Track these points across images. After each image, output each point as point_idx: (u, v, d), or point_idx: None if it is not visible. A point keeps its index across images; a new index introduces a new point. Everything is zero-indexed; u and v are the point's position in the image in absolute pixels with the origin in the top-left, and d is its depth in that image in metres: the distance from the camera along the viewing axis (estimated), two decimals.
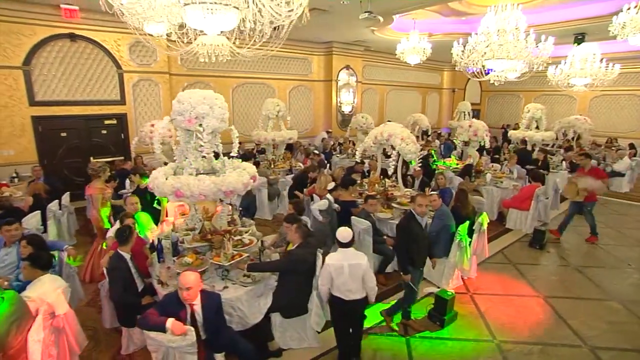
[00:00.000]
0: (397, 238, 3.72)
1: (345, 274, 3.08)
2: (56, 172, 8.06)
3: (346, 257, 3.13)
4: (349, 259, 3.12)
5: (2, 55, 7.48)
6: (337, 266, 3.09)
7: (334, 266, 3.09)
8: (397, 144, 5.57)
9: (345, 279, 3.08)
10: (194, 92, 3.80)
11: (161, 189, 3.56)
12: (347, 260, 3.11)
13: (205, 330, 2.73)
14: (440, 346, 3.63)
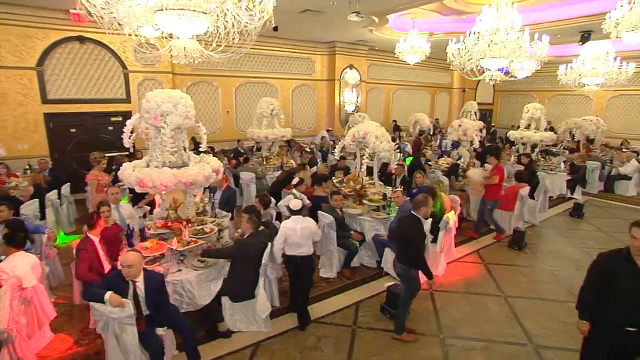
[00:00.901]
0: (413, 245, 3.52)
1: (298, 235, 3.86)
2: (66, 166, 8.68)
3: (297, 222, 3.93)
4: (300, 223, 3.92)
5: (18, 57, 8.14)
6: (291, 229, 3.87)
7: (289, 229, 3.88)
8: (372, 142, 5.71)
9: (298, 239, 3.86)
10: (161, 92, 4.11)
11: (127, 180, 3.89)
12: (299, 225, 3.91)
13: (148, 306, 3.02)
14: (383, 338, 3.77)
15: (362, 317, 4.11)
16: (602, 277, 2.66)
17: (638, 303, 2.51)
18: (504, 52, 7.15)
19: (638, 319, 2.53)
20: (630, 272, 2.52)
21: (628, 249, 2.56)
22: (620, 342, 2.63)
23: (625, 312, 2.55)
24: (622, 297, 2.56)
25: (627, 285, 2.53)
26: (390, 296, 4.12)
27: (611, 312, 2.62)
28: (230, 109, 12.13)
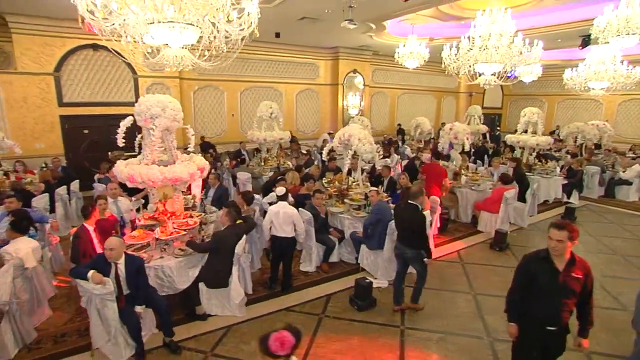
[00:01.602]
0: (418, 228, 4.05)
1: (280, 217, 4.56)
2: (78, 164, 9.31)
3: (280, 207, 4.64)
4: (283, 207, 4.63)
5: (38, 63, 8.83)
6: (275, 212, 4.62)
7: (273, 211, 4.63)
8: (355, 144, 6.00)
9: (280, 221, 4.55)
10: (151, 96, 4.53)
11: (119, 175, 4.32)
12: (282, 209, 4.62)
13: (128, 286, 3.40)
14: (346, 325, 4.04)
15: (331, 307, 4.39)
16: (525, 278, 2.73)
17: (555, 302, 2.60)
18: (495, 57, 7.33)
19: (556, 318, 2.62)
20: (548, 271, 2.60)
21: (547, 249, 2.63)
22: (543, 341, 2.71)
23: (545, 311, 2.63)
24: (541, 297, 2.64)
25: (545, 284, 2.62)
26: (358, 289, 4.39)
27: (533, 312, 2.70)
28: (235, 112, 12.62)
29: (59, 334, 3.78)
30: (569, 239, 2.52)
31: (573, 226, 2.60)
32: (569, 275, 2.56)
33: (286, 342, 1.93)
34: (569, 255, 2.57)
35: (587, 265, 2.63)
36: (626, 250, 6.37)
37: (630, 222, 7.87)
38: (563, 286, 2.57)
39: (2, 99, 8.69)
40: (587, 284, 2.62)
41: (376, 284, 4.85)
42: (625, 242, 6.80)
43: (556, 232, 2.54)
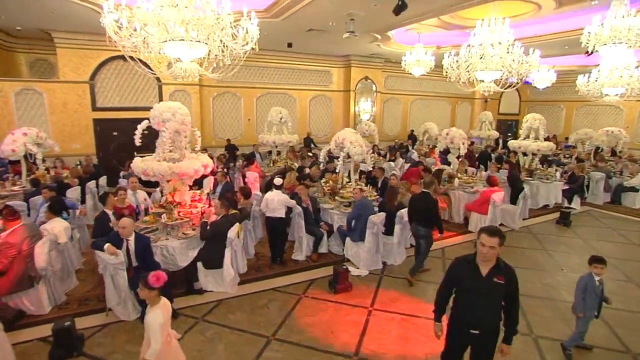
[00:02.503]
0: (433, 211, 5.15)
1: (275, 202, 5.50)
2: (108, 163, 10.38)
3: (275, 194, 5.58)
4: (277, 195, 5.57)
5: (77, 73, 10.00)
6: (271, 198, 5.52)
7: (269, 198, 5.54)
8: (347, 146, 6.55)
9: (275, 205, 5.49)
10: (164, 103, 5.32)
11: (136, 170, 5.11)
12: (276, 196, 5.55)
13: (136, 259, 4.13)
14: (322, 304, 4.59)
15: (311, 289, 4.96)
16: (451, 280, 2.77)
17: (478, 306, 2.60)
18: (492, 65, 7.69)
19: (479, 322, 2.63)
20: (473, 275, 2.60)
21: (475, 253, 2.63)
22: (469, 345, 2.75)
23: (469, 314, 2.65)
24: (466, 300, 2.66)
25: (469, 288, 2.63)
26: (336, 274, 4.92)
27: (459, 314, 2.72)
28: (251, 117, 13.46)
29: (83, 299, 4.56)
30: (500, 245, 2.51)
31: (502, 232, 2.60)
32: (491, 281, 2.55)
33: (161, 278, 2.69)
34: (494, 261, 2.57)
35: (511, 271, 2.62)
36: (613, 253, 6.51)
37: (627, 228, 7.92)
38: (485, 291, 2.56)
39: (46, 104, 9.90)
40: (511, 290, 2.59)
41: (356, 272, 5.38)
42: (616, 245, 6.93)
43: (488, 238, 2.50)
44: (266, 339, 3.88)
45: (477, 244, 2.57)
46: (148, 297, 2.71)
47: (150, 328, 2.61)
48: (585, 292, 3.54)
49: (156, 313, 2.64)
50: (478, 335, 2.64)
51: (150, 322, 2.62)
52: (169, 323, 2.80)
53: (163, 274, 2.73)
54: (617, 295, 4.94)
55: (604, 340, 3.98)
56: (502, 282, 2.54)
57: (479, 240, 2.55)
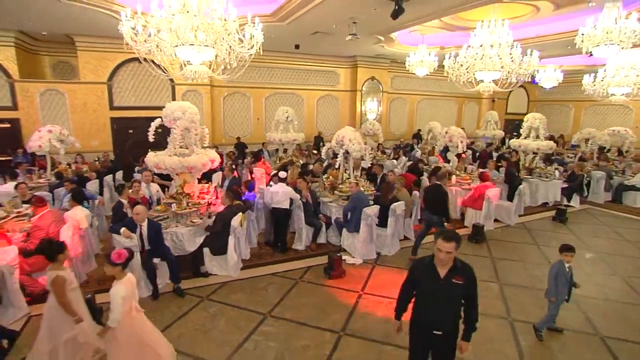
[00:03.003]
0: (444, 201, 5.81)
1: (280, 194, 5.98)
2: (124, 159, 10.98)
3: (280, 187, 6.05)
4: (282, 187, 6.04)
5: (96, 74, 10.63)
6: (275, 191, 6.02)
7: (274, 190, 6.04)
8: (346, 144, 6.92)
9: (279, 197, 5.97)
10: (176, 103, 5.79)
11: (149, 163, 5.59)
12: (281, 189, 6.03)
13: (149, 242, 4.59)
14: (316, 288, 4.99)
15: (307, 275, 5.36)
16: (410, 282, 2.79)
17: (438, 307, 2.62)
18: (491, 66, 7.95)
19: (440, 323, 2.65)
20: (431, 277, 2.60)
21: (433, 256, 2.63)
22: (432, 346, 2.76)
23: (430, 315, 2.66)
24: (426, 302, 2.67)
25: (428, 289, 2.65)
26: (330, 261, 5.30)
27: (420, 316, 2.73)
28: (260, 116, 13.93)
29: (101, 279, 5.05)
30: (456, 249, 2.52)
31: (459, 236, 2.60)
32: (450, 282, 2.56)
33: (122, 255, 3.03)
34: (452, 263, 2.58)
35: (469, 271, 2.63)
36: (604, 248, 6.71)
37: (623, 225, 8.05)
38: (444, 292, 2.58)
39: (68, 103, 10.56)
40: (469, 289, 2.61)
41: (351, 261, 5.75)
42: (608, 241, 7.11)
43: (444, 243, 2.50)
44: (263, 315, 4.30)
45: (435, 249, 2.56)
46: (113, 272, 3.03)
47: (113, 299, 2.91)
48: (556, 278, 3.83)
49: (119, 286, 2.95)
50: (440, 336, 2.65)
51: (113, 294, 2.92)
52: (132, 296, 3.09)
53: (124, 251, 3.06)
54: (599, 286, 5.22)
55: (577, 324, 4.26)
56: (461, 282, 2.55)
57: (436, 245, 2.54)
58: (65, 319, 3.21)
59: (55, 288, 3.17)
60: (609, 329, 4.17)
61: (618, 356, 3.71)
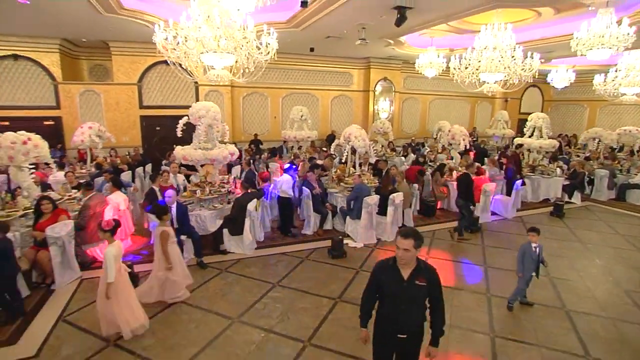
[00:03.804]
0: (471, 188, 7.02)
1: (285, 184, 6.78)
2: (151, 153, 12.00)
3: (285, 178, 6.89)
4: (287, 178, 6.84)
5: (127, 76, 11.69)
6: (283, 181, 6.81)
7: (282, 180, 6.84)
8: (352, 140, 7.59)
9: (287, 186, 6.73)
10: (200, 103, 6.62)
11: (177, 156, 6.44)
12: (286, 179, 6.83)
13: (177, 222, 5.42)
14: (320, 265, 5.69)
15: (313, 254, 6.08)
16: (373, 284, 2.67)
17: (402, 309, 2.53)
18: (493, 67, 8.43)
19: (405, 326, 2.57)
20: (394, 279, 2.53)
21: (395, 257, 2.55)
22: (397, 349, 2.69)
23: (393, 318, 2.58)
24: (390, 304, 2.59)
25: (391, 292, 2.56)
26: (333, 243, 5.99)
27: (383, 319, 2.65)
28: (277, 115, 14.73)
29: (135, 253, 5.94)
30: (415, 247, 2.45)
31: (419, 234, 2.52)
32: (413, 283, 2.49)
33: (110, 223, 3.77)
34: (415, 264, 2.53)
35: (433, 273, 2.56)
36: (594, 240, 7.11)
37: (620, 221, 8.36)
38: (408, 294, 2.51)
39: (102, 103, 11.66)
40: (433, 292, 2.55)
41: (353, 244, 6.44)
42: (599, 234, 7.48)
43: (402, 240, 2.45)
44: (272, 284, 5.04)
45: (395, 248, 2.51)
46: (104, 237, 3.79)
47: (107, 259, 3.59)
48: (523, 256, 4.39)
49: (111, 248, 3.66)
50: (404, 339, 2.59)
51: (107, 255, 3.61)
52: (120, 257, 3.82)
53: (112, 221, 3.85)
54: (576, 271, 5.72)
55: (548, 300, 4.79)
56: (424, 284, 2.49)
57: (396, 243, 2.51)
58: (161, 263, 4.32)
59: (160, 240, 4.28)
60: (576, 304, 4.69)
61: (576, 324, 4.25)
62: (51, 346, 3.75)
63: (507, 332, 4.13)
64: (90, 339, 3.88)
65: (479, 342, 3.95)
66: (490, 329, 4.18)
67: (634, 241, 7.06)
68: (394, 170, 7.87)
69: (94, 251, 5.57)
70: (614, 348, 3.88)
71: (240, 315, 4.33)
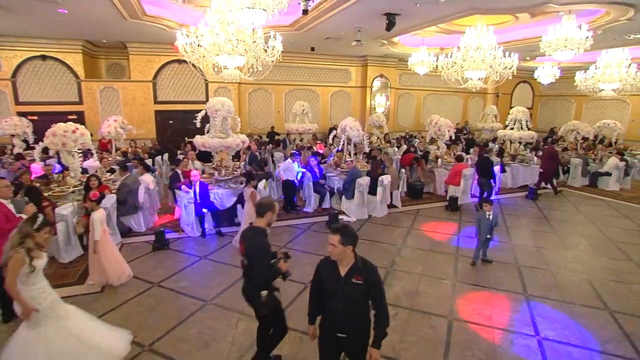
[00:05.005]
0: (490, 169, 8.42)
1: (289, 168, 7.67)
2: (165, 145, 13.07)
3: (289, 163, 8.03)
4: (290, 163, 7.99)
5: (143, 73, 12.74)
6: (286, 166, 7.78)
7: (285, 165, 7.88)
8: (348, 131, 8.65)
9: (292, 172, 7.78)
10: (216, 98, 7.67)
11: (196, 143, 7.51)
12: (290, 164, 7.95)
13: (200, 197, 6.50)
14: (319, 235, 6.78)
15: (313, 227, 7.17)
16: (318, 279, 2.63)
17: (340, 307, 2.47)
18: (475, 65, 9.44)
19: (343, 324, 2.51)
20: (332, 276, 2.50)
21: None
22: (339, 348, 2.62)
23: (332, 316, 2.54)
24: (329, 301, 2.53)
25: (329, 288, 2.53)
26: (330, 216, 7.08)
27: (325, 316, 2.62)
28: (280, 109, 15.77)
29: (162, 226, 7.03)
30: (342, 244, 2.39)
31: (348, 230, 2.45)
32: (349, 281, 2.43)
33: (96, 195, 4.64)
34: (353, 260, 2.47)
35: (371, 271, 2.48)
36: (557, 216, 8.18)
37: (587, 203, 9.40)
38: (344, 291, 2.45)
39: (120, 99, 12.73)
40: (371, 291, 2.46)
41: (347, 219, 7.51)
42: (563, 213, 8.52)
43: (330, 235, 2.44)
44: (279, 247, 6.12)
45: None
46: (90, 206, 4.65)
47: (94, 222, 4.45)
48: (480, 223, 5.46)
49: (96, 214, 4.52)
50: (345, 339, 2.52)
51: (94, 218, 4.46)
52: (105, 221, 4.71)
53: (97, 193, 4.72)
54: (534, 239, 6.79)
55: (504, 259, 5.86)
56: (361, 282, 2.42)
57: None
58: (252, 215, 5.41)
59: (252, 198, 5.57)
60: (526, 261, 5.77)
61: (522, 274, 5.33)
62: (110, 286, 4.84)
63: (466, 279, 5.22)
64: (138, 282, 4.98)
65: (443, 286, 5.03)
66: (454, 277, 5.27)
67: (591, 218, 8.13)
68: (384, 156, 8.94)
69: (129, 222, 6.66)
70: (547, 289, 4.96)
71: None
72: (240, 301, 4.45)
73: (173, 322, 4.11)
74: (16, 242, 2.86)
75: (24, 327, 2.90)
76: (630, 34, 10.18)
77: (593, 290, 4.93)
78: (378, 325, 2.50)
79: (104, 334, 3.20)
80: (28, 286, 2.87)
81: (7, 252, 2.85)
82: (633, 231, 7.32)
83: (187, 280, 5.05)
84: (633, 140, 15.52)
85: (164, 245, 6.03)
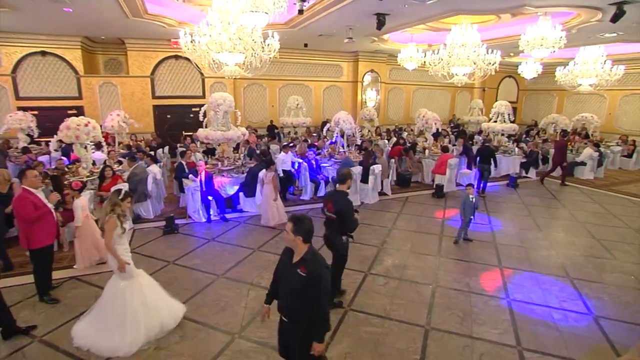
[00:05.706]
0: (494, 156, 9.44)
1: (287, 161, 7.70)
2: (163, 139, 13.45)
3: (285, 155, 8.28)
4: (286, 156, 8.32)
5: (141, 69, 13.06)
6: (282, 158, 8.14)
7: (282, 158, 8.28)
8: (341, 124, 9.21)
9: (287, 165, 8.14)
10: (218, 93, 8.16)
11: (199, 136, 7.99)
12: (288, 157, 8.10)
13: (205, 186, 7.00)
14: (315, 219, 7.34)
15: (310, 213, 7.72)
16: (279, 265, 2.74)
17: (286, 293, 2.60)
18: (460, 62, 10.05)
19: (287, 309, 2.61)
20: (286, 262, 2.60)
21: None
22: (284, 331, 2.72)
23: (281, 298, 2.67)
24: (280, 285, 2.67)
25: (280, 273, 2.69)
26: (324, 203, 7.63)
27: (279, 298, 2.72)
28: (275, 104, 16.22)
29: (170, 213, 7.52)
30: (293, 232, 2.48)
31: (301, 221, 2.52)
32: (295, 270, 2.50)
33: (78, 184, 5.07)
34: (304, 251, 2.53)
35: (316, 266, 2.50)
36: (534, 202, 8.91)
37: (562, 190, 10.17)
38: (289, 278, 2.54)
39: (119, 93, 13.04)
40: (313, 285, 2.44)
41: None
42: (541, 199, 9.26)
43: (288, 222, 2.57)
44: (280, 230, 6.69)
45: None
46: (72, 194, 4.99)
47: (76, 208, 4.77)
48: (464, 205, 6.10)
49: (78, 202, 4.85)
50: (287, 324, 2.61)
51: (75, 206, 4.80)
52: (86, 208, 5.02)
53: (79, 183, 5.17)
54: (513, 222, 7.46)
55: (484, 238, 6.52)
56: (304, 274, 2.45)
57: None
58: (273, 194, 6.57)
59: (273, 180, 6.46)
60: (503, 240, 6.45)
61: (499, 250, 6.00)
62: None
63: (449, 255, 5.87)
64: (154, 261, 5.50)
65: (428, 260, 5.66)
66: (438, 253, 5.92)
67: (564, 202, 8.90)
68: (375, 148, 9.53)
69: (138, 209, 7.14)
70: (519, 262, 5.64)
71: (259, 247, 6.00)
72: (249, 274, 5.10)
73: (190, 292, 4.65)
74: (109, 209, 3.58)
75: (117, 278, 3.64)
76: (602, 33, 10.89)
77: (559, 263, 5.63)
78: (317, 319, 2.52)
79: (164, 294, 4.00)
80: (119, 245, 3.61)
81: (103, 219, 3.61)
82: (600, 214, 8.07)
83: (199, 259, 5.58)
84: (610, 133, 16.43)
85: (174, 230, 6.54)
